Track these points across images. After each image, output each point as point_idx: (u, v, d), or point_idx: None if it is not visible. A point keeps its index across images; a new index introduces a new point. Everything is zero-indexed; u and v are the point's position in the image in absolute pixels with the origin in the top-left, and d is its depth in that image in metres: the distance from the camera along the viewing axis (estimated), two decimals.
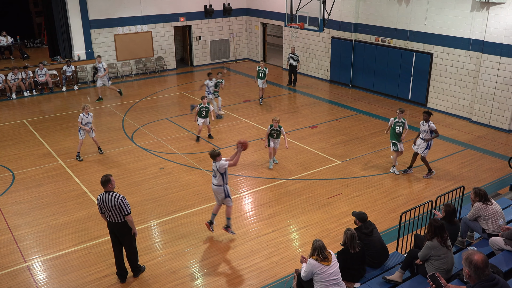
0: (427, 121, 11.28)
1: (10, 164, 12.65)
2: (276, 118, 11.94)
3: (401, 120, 11.74)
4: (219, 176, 8.71)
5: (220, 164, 8.66)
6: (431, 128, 11.24)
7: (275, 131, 11.95)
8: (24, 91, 18.85)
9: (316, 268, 6.37)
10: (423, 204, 8.20)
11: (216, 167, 8.69)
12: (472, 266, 4.97)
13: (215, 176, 8.79)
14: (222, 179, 8.76)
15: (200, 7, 23.31)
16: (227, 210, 9.07)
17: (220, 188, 8.83)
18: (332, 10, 17.35)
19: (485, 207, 7.59)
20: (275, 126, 11.87)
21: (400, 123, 11.75)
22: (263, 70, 17.35)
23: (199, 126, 14.00)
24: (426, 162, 11.71)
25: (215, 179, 8.79)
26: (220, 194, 8.90)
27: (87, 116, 12.69)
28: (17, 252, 8.85)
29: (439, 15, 16.08)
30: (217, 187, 8.84)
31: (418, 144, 11.57)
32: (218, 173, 8.70)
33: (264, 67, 17.47)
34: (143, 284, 7.98)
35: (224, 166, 8.66)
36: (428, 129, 11.26)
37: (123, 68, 21.84)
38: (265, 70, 17.39)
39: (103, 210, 7.54)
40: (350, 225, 8.37)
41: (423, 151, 11.45)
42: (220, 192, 8.86)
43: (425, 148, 11.42)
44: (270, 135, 12.06)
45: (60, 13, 20.27)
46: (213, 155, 8.71)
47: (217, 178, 8.74)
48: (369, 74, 19.08)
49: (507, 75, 14.47)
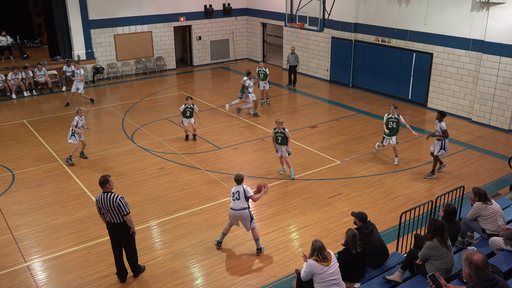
0: (440, 121, 11.32)
1: (10, 164, 12.65)
2: (280, 120, 11.25)
3: (394, 116, 11.87)
4: (243, 199, 8.41)
5: (247, 189, 8.46)
6: (441, 128, 11.28)
7: (279, 133, 11.29)
8: (24, 91, 18.85)
9: (315, 269, 6.37)
10: (423, 204, 8.20)
11: (244, 189, 8.44)
12: (473, 266, 4.97)
13: (237, 199, 8.41)
14: (247, 201, 8.47)
15: (200, 7, 23.32)
16: (255, 233, 8.67)
17: (245, 212, 8.43)
18: (332, 10, 17.35)
19: (485, 207, 7.59)
20: (278, 129, 11.23)
21: (393, 119, 11.92)
22: (263, 71, 17.22)
23: (184, 127, 14.04)
24: (435, 162, 11.68)
25: (239, 202, 8.40)
26: (246, 219, 8.47)
27: (81, 119, 12.58)
28: (17, 252, 8.85)
29: (439, 15, 16.09)
30: (242, 211, 8.41)
31: (434, 144, 11.61)
32: (243, 196, 8.42)
33: (264, 68, 17.32)
34: (143, 284, 7.98)
35: (250, 192, 8.48)
36: (439, 128, 11.30)
37: (123, 68, 21.84)
38: (265, 70, 17.22)
39: (102, 210, 7.53)
40: (350, 225, 8.38)
41: (439, 151, 11.45)
42: (246, 215, 8.45)
43: (440, 148, 11.43)
44: (275, 140, 11.46)
45: (60, 13, 20.27)
46: (241, 179, 8.49)
47: (241, 201, 8.41)
48: (369, 74, 19.07)
49: (507, 75, 14.46)
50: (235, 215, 8.49)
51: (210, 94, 19.24)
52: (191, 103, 13.81)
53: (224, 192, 11.10)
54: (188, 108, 13.81)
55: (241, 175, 8.57)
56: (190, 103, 13.80)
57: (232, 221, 8.68)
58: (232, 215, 8.53)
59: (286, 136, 11.33)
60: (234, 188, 8.52)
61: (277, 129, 11.30)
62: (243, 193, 8.41)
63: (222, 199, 10.79)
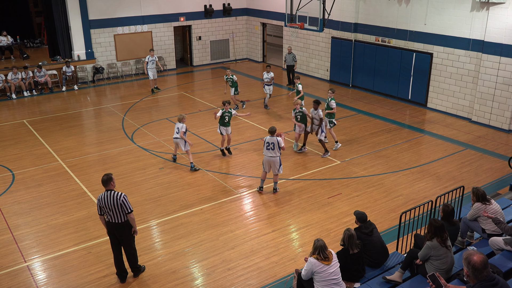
0: (315, 109, 12.73)
1: (10, 164, 12.65)
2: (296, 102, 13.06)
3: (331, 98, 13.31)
4: (277, 149, 10.43)
5: (280, 140, 10.41)
6: (319, 116, 12.79)
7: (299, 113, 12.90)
8: (24, 91, 18.85)
9: (316, 267, 6.38)
10: (423, 204, 8.20)
11: (277, 140, 10.38)
12: (470, 267, 5.00)
13: (272, 149, 10.43)
14: (279, 151, 10.48)
15: (200, 7, 23.32)
16: (276, 177, 10.86)
17: (277, 159, 10.52)
18: (332, 10, 17.35)
19: (485, 207, 7.59)
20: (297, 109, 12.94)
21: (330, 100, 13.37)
22: (231, 78, 16.57)
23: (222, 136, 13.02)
24: (323, 144, 13.02)
25: (273, 152, 10.45)
26: (276, 164, 10.55)
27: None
28: (17, 252, 8.86)
29: (439, 15, 16.09)
30: (274, 158, 10.50)
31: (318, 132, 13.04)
32: (277, 146, 10.40)
33: (231, 75, 16.56)
34: (143, 284, 7.98)
35: (282, 143, 10.43)
36: (318, 116, 12.78)
37: (123, 68, 21.84)
38: (232, 78, 16.52)
39: (103, 210, 7.51)
40: (350, 225, 8.39)
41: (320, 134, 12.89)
42: (277, 162, 10.54)
43: (321, 132, 12.92)
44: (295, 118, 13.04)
45: (60, 13, 20.27)
46: (274, 131, 10.44)
47: (275, 150, 10.44)
48: (369, 74, 19.08)
49: (507, 75, 14.46)
50: (269, 160, 10.58)
51: (210, 94, 19.24)
52: (228, 108, 12.60)
53: (224, 192, 11.11)
54: (226, 113, 12.57)
55: (274, 127, 10.56)
56: (228, 108, 12.56)
57: (265, 167, 10.74)
58: (266, 161, 10.63)
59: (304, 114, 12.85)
60: (269, 139, 10.45)
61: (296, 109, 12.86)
62: (277, 144, 10.42)
63: (222, 199, 10.80)
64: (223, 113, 12.59)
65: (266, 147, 10.52)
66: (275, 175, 10.83)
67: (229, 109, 12.68)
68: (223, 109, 12.64)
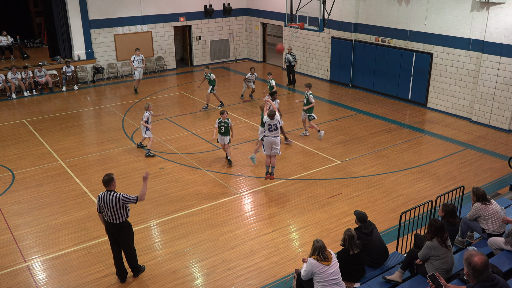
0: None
1: (10, 164, 12.65)
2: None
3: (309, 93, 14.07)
4: (279, 129, 10.99)
5: (279, 118, 10.95)
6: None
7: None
8: (24, 91, 18.85)
9: (316, 268, 6.38)
10: (423, 204, 8.20)
11: (278, 120, 10.90)
12: (471, 268, 5.00)
13: (275, 130, 10.90)
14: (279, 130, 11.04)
15: (200, 7, 23.32)
16: (274, 160, 11.21)
17: (278, 138, 10.99)
18: (332, 10, 17.35)
19: (484, 207, 7.60)
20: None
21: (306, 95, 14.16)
22: (208, 76, 16.65)
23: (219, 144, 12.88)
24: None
25: (275, 132, 10.92)
26: (277, 144, 10.98)
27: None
28: (17, 252, 8.85)
29: (439, 15, 16.09)
30: (277, 137, 10.96)
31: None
32: (279, 126, 10.98)
33: (209, 73, 16.71)
34: (143, 284, 7.98)
35: (281, 122, 11.18)
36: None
37: (123, 68, 21.84)
38: (209, 76, 16.63)
39: (102, 209, 7.52)
40: (350, 225, 8.39)
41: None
42: (278, 141, 11.00)
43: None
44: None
45: (60, 13, 20.26)
46: (273, 114, 10.78)
47: (278, 131, 10.94)
48: (369, 74, 19.08)
49: (507, 75, 14.46)
50: (271, 141, 10.95)
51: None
52: (225, 118, 12.16)
53: (224, 192, 11.11)
54: (223, 123, 12.19)
55: (273, 111, 10.90)
56: (225, 118, 12.15)
57: (267, 149, 11.06)
58: (268, 141, 10.97)
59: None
60: (271, 121, 10.84)
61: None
62: (279, 125, 10.98)
63: (222, 199, 10.80)
64: (219, 123, 12.18)
65: (268, 129, 10.92)
66: (273, 158, 11.16)
67: (226, 119, 12.13)
68: (219, 119, 12.20)
